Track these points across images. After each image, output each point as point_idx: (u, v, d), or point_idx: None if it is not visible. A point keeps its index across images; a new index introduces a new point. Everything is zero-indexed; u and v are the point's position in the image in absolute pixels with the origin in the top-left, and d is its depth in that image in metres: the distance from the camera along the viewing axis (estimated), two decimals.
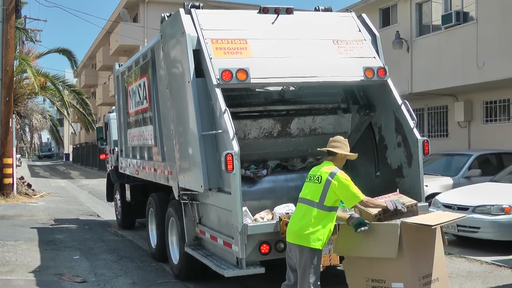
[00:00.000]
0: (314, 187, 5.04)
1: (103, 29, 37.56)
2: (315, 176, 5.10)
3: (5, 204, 16.11)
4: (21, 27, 23.84)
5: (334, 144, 5.26)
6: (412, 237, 5.08)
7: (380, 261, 5.15)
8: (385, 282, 5.13)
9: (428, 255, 5.25)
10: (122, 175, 11.59)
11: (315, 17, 7.53)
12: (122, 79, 10.54)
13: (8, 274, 7.75)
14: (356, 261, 5.34)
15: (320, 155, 7.90)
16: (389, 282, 5.11)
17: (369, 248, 5.15)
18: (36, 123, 22.77)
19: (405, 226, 5.06)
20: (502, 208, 8.78)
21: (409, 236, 5.05)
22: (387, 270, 5.14)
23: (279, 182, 7.66)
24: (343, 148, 5.23)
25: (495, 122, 16.12)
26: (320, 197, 4.96)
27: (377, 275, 5.19)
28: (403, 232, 5.02)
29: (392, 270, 5.11)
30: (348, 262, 5.45)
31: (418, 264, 5.13)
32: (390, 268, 5.12)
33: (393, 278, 5.09)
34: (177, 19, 6.73)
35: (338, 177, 4.95)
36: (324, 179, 4.99)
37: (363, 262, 5.27)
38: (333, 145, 5.25)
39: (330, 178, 4.96)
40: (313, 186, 5.06)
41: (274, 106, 7.39)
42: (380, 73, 6.85)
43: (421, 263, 5.16)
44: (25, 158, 51.12)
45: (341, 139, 5.31)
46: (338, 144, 5.25)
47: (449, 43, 16.04)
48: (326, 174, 5.00)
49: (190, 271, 7.28)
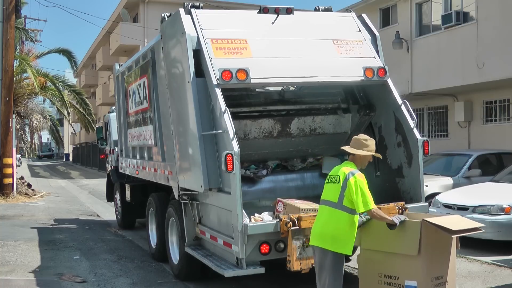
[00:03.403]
0: (334, 187, 4.99)
1: (103, 29, 37.57)
2: (335, 177, 5.03)
3: (5, 204, 16.11)
4: (21, 27, 23.84)
5: (353, 144, 5.16)
6: (430, 237, 5.10)
7: (396, 258, 5.17)
8: (398, 279, 5.16)
9: (443, 257, 5.26)
10: (122, 175, 11.59)
11: (315, 17, 7.53)
12: (122, 79, 10.55)
13: (8, 274, 7.75)
14: (372, 256, 5.36)
15: (320, 155, 7.92)
16: (402, 279, 5.14)
17: (390, 243, 5.16)
18: (36, 123, 22.77)
19: (425, 226, 5.09)
20: (502, 208, 8.79)
21: (428, 235, 5.08)
22: (401, 267, 5.17)
23: (279, 182, 7.67)
24: (362, 148, 5.10)
25: (495, 122, 16.12)
26: (338, 197, 4.91)
27: (391, 271, 5.21)
28: (423, 231, 5.06)
29: (406, 268, 5.14)
30: (363, 257, 5.47)
31: (433, 264, 5.15)
32: (405, 266, 5.15)
33: (407, 275, 5.12)
34: (177, 19, 6.73)
35: (354, 178, 4.89)
36: (342, 179, 4.93)
37: (378, 258, 5.30)
38: (352, 145, 5.17)
39: (347, 177, 4.91)
40: (333, 187, 5.00)
41: (274, 106, 7.39)
42: (380, 73, 6.85)
43: (435, 264, 5.18)
44: (25, 158, 51.09)
45: (362, 139, 5.17)
46: (357, 144, 5.14)
47: (449, 43, 16.03)
48: (344, 174, 4.95)
49: (190, 271, 7.28)
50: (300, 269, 5.65)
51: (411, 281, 5.09)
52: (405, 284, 5.11)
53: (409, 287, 5.11)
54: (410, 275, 5.11)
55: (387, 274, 5.22)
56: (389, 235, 5.19)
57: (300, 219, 5.67)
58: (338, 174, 5.00)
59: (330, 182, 5.08)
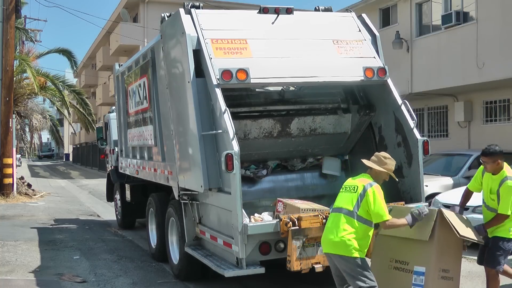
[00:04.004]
0: (350, 196, 4.98)
1: (103, 29, 37.57)
2: (351, 186, 5.03)
3: (5, 204, 16.11)
4: (21, 27, 23.83)
5: (373, 158, 5.17)
6: (444, 228, 5.20)
7: (409, 244, 5.24)
8: (408, 264, 5.24)
9: (452, 252, 5.34)
10: (122, 175, 11.59)
11: (315, 17, 7.53)
12: (122, 79, 10.54)
13: (8, 274, 7.75)
14: (386, 242, 5.43)
15: (320, 155, 7.92)
16: (411, 265, 5.21)
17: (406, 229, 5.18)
18: (36, 123, 22.77)
19: (441, 216, 5.21)
20: None
21: (442, 225, 5.19)
22: (413, 253, 5.26)
23: (279, 182, 7.67)
24: (380, 165, 5.11)
25: (495, 122, 16.13)
26: (354, 205, 4.90)
27: (402, 256, 5.29)
28: (438, 220, 5.17)
29: (417, 254, 5.23)
30: (378, 242, 5.51)
31: (443, 256, 5.23)
32: (416, 252, 5.24)
33: (417, 261, 5.20)
34: (177, 19, 6.73)
35: (373, 189, 4.90)
36: (360, 189, 4.93)
37: (392, 243, 5.38)
38: (372, 159, 5.17)
39: (366, 188, 4.91)
40: (348, 195, 5.00)
41: (274, 106, 7.39)
42: (380, 73, 6.85)
43: (445, 256, 5.25)
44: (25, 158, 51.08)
45: (382, 156, 5.17)
46: (376, 159, 5.15)
47: (449, 43, 16.03)
48: (363, 184, 4.95)
49: (190, 271, 7.28)
50: (300, 269, 5.65)
51: (420, 267, 5.17)
52: (414, 269, 5.18)
53: (417, 273, 5.18)
54: (420, 261, 5.19)
55: (398, 259, 5.31)
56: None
57: (300, 219, 5.67)
58: (356, 184, 5.00)
59: (345, 191, 5.08)
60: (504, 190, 5.59)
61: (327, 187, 7.86)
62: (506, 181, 5.61)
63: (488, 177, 5.84)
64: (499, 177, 5.72)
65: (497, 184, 5.69)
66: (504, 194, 5.60)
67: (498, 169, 5.74)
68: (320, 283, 6.96)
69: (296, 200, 6.48)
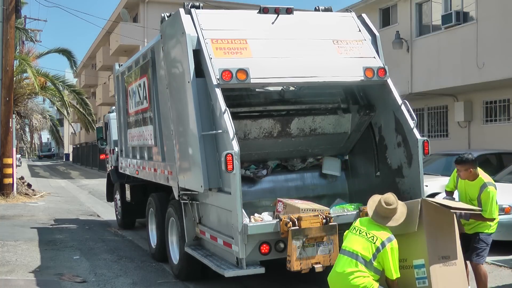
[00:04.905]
0: (366, 244, 4.97)
1: (103, 29, 37.57)
2: (369, 235, 5.01)
3: (5, 204, 16.11)
4: (21, 27, 23.83)
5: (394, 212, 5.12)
6: (431, 215, 5.22)
7: (402, 241, 5.22)
8: (407, 260, 5.24)
9: (447, 237, 5.35)
10: (122, 175, 11.59)
11: (315, 17, 7.53)
12: (122, 79, 10.54)
13: (8, 274, 7.75)
14: None
15: (320, 155, 7.92)
16: (410, 260, 5.22)
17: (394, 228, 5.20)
18: (36, 123, 22.78)
19: (425, 204, 5.24)
20: (502, 208, 8.76)
21: (429, 214, 5.21)
22: (408, 249, 5.24)
23: (279, 182, 7.67)
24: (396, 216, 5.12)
25: (495, 122, 16.13)
26: (371, 257, 4.91)
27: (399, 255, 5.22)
28: (423, 208, 5.19)
29: (413, 248, 5.23)
30: None
31: (438, 243, 5.23)
32: (411, 246, 5.23)
33: (414, 255, 5.21)
34: (177, 19, 6.73)
35: (391, 246, 4.92)
36: (379, 242, 4.93)
37: None
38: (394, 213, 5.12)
39: (385, 243, 4.92)
40: (365, 243, 4.98)
41: (274, 106, 7.39)
42: (380, 73, 6.85)
43: (441, 243, 5.25)
44: (25, 158, 51.11)
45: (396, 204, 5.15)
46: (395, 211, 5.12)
47: (449, 43, 16.04)
48: (382, 239, 4.95)
49: (190, 271, 7.28)
50: (300, 269, 5.65)
51: (419, 260, 5.18)
52: (413, 264, 5.18)
53: (417, 266, 5.18)
54: (416, 254, 5.19)
55: None
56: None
57: (300, 219, 5.67)
58: (376, 235, 4.98)
59: (360, 235, 5.06)
60: (485, 196, 5.77)
61: (327, 187, 7.86)
62: (486, 188, 5.80)
63: (464, 184, 6.02)
64: (477, 183, 5.89)
65: (477, 191, 5.85)
66: (487, 200, 5.77)
67: (471, 176, 5.93)
68: (320, 283, 6.96)
69: (296, 200, 6.48)
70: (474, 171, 5.94)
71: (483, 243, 5.91)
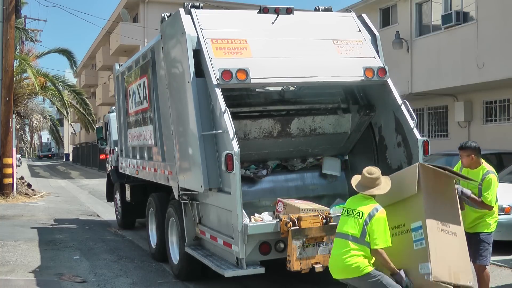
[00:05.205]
0: (354, 222, 4.94)
1: (103, 29, 37.57)
2: (355, 212, 4.99)
3: (5, 204, 16.11)
4: (21, 27, 23.83)
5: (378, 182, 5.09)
6: (430, 181, 5.19)
7: (399, 207, 5.21)
8: (404, 225, 5.18)
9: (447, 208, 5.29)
10: (122, 175, 11.59)
11: (315, 17, 7.53)
12: (122, 79, 10.55)
13: (8, 274, 7.75)
14: None
15: (320, 155, 7.92)
16: (408, 225, 5.14)
17: (392, 195, 5.19)
18: (36, 123, 22.78)
19: (423, 168, 5.21)
20: (502, 208, 8.77)
21: (427, 177, 5.18)
22: (405, 213, 5.20)
23: (279, 182, 7.67)
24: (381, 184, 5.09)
25: (495, 122, 16.12)
26: (361, 233, 4.89)
27: (396, 221, 5.21)
28: (421, 172, 5.15)
29: (410, 212, 5.17)
30: None
31: (437, 209, 5.17)
32: (408, 210, 5.18)
33: (411, 219, 5.14)
34: (177, 19, 6.73)
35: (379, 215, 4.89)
36: (365, 215, 4.91)
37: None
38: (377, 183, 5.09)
39: (372, 214, 4.89)
40: (353, 221, 4.96)
41: (274, 106, 7.39)
42: (380, 73, 6.85)
43: (440, 210, 5.19)
44: (25, 158, 51.12)
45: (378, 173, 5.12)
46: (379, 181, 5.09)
47: (449, 43, 16.03)
48: (368, 210, 4.93)
49: (190, 271, 7.28)
50: (300, 269, 5.65)
51: (416, 222, 5.08)
52: (411, 227, 5.10)
53: (415, 229, 5.09)
54: (414, 217, 5.11)
55: (393, 226, 5.20)
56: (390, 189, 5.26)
57: (300, 219, 5.67)
58: (360, 210, 4.96)
59: (348, 215, 5.05)
60: (486, 183, 5.79)
61: (327, 187, 7.86)
62: (489, 175, 5.82)
63: (466, 172, 5.97)
64: (479, 171, 5.89)
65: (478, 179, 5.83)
66: (488, 187, 5.79)
67: (473, 163, 5.91)
68: (320, 283, 6.97)
69: (296, 200, 6.48)
70: (476, 158, 5.90)
71: (485, 244, 5.89)
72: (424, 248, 4.98)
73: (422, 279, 4.93)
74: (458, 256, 5.23)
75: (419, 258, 4.98)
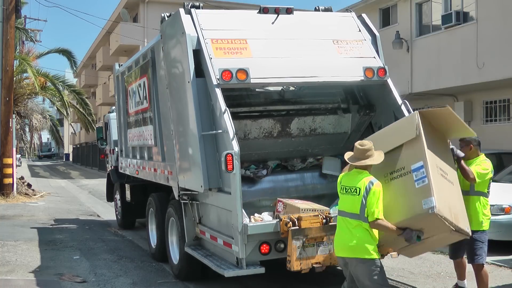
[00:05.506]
0: (353, 199, 4.94)
1: (103, 29, 37.57)
2: (353, 188, 4.98)
3: (5, 204, 16.11)
4: (21, 27, 23.85)
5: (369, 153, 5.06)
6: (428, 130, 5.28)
7: (398, 152, 5.23)
8: (404, 168, 5.16)
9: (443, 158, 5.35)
10: (122, 175, 11.59)
11: (315, 17, 7.53)
12: (122, 79, 10.55)
13: (8, 274, 7.75)
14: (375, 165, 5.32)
15: (320, 155, 7.91)
16: (408, 167, 5.12)
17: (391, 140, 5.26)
18: (36, 123, 22.78)
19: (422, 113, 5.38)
20: (502, 208, 8.79)
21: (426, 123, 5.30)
22: (405, 157, 5.19)
23: (279, 182, 7.66)
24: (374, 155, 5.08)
25: (495, 122, 16.13)
26: (360, 209, 4.89)
27: (396, 166, 5.21)
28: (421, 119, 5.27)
29: (410, 154, 5.17)
30: None
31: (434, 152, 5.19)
32: (408, 153, 5.18)
33: (412, 160, 5.12)
34: (177, 19, 6.73)
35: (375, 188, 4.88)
36: (362, 190, 4.90)
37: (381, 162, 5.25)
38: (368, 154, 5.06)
39: (368, 188, 4.88)
40: (352, 198, 4.96)
41: (274, 106, 7.39)
42: (380, 73, 6.85)
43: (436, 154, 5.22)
44: (25, 158, 51.12)
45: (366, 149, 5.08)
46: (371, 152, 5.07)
47: (449, 43, 16.03)
48: (364, 184, 4.91)
49: (190, 271, 7.28)
50: (300, 269, 5.64)
51: (417, 163, 5.06)
52: (411, 168, 5.08)
53: (416, 169, 5.06)
54: (414, 159, 5.10)
55: (393, 170, 5.21)
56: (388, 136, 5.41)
57: (300, 219, 5.67)
58: (357, 186, 4.95)
59: (347, 193, 5.04)
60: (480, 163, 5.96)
61: (327, 187, 7.85)
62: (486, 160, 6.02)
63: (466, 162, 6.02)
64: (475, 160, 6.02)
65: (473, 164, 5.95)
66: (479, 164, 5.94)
67: (472, 154, 6.05)
68: (320, 283, 6.97)
69: (296, 200, 6.48)
70: (475, 149, 6.03)
71: (478, 242, 5.90)
72: (426, 184, 4.95)
73: (427, 214, 4.86)
74: (457, 202, 5.28)
75: (422, 195, 4.93)
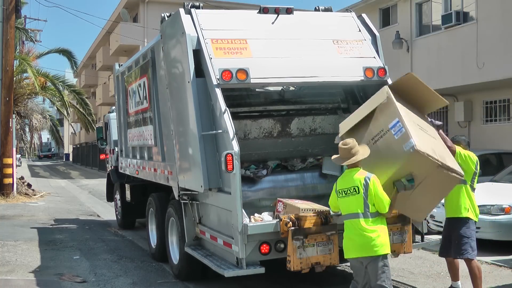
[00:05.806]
0: (354, 200, 4.97)
1: (103, 29, 37.57)
2: (351, 188, 5.00)
3: (5, 204, 16.12)
4: (21, 27, 23.84)
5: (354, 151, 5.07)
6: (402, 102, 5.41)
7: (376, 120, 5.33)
8: (383, 129, 5.26)
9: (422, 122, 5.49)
10: (122, 175, 11.60)
11: (315, 17, 7.53)
12: (122, 79, 10.55)
13: (8, 274, 7.75)
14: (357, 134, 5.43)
15: (320, 155, 7.91)
16: (386, 127, 5.22)
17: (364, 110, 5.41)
18: (36, 123, 22.78)
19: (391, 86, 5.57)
20: (502, 208, 8.79)
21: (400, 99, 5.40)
22: (383, 120, 5.29)
23: (279, 182, 7.66)
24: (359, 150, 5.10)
25: (495, 122, 16.12)
26: (364, 207, 4.92)
27: (375, 130, 5.31)
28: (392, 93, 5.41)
29: (386, 115, 5.28)
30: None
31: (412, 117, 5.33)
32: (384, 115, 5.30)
33: (388, 121, 5.23)
34: (177, 19, 6.73)
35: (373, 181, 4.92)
36: (361, 188, 4.92)
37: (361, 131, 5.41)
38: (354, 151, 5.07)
39: (366, 183, 4.91)
40: (353, 199, 4.99)
41: (274, 106, 7.40)
42: (380, 73, 6.86)
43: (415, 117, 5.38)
44: (25, 158, 51.12)
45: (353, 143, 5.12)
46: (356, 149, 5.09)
47: (449, 43, 16.03)
48: (361, 181, 4.94)
49: (190, 271, 7.28)
50: (300, 269, 5.65)
51: (393, 121, 5.16)
52: (389, 127, 5.18)
53: (393, 126, 5.15)
54: (390, 119, 5.21)
55: (374, 136, 5.31)
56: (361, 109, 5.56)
57: (300, 219, 5.67)
58: (354, 185, 4.97)
59: (346, 195, 5.05)
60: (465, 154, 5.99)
61: (327, 187, 7.83)
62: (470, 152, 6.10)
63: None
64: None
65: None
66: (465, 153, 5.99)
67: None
68: (320, 283, 6.97)
69: (296, 200, 6.48)
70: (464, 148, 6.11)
71: (464, 238, 5.94)
72: (404, 132, 5.05)
73: (409, 154, 4.93)
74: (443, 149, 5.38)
75: (402, 142, 5.03)
